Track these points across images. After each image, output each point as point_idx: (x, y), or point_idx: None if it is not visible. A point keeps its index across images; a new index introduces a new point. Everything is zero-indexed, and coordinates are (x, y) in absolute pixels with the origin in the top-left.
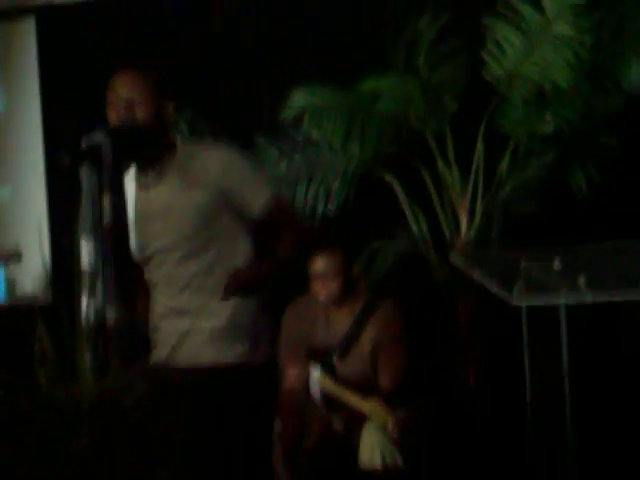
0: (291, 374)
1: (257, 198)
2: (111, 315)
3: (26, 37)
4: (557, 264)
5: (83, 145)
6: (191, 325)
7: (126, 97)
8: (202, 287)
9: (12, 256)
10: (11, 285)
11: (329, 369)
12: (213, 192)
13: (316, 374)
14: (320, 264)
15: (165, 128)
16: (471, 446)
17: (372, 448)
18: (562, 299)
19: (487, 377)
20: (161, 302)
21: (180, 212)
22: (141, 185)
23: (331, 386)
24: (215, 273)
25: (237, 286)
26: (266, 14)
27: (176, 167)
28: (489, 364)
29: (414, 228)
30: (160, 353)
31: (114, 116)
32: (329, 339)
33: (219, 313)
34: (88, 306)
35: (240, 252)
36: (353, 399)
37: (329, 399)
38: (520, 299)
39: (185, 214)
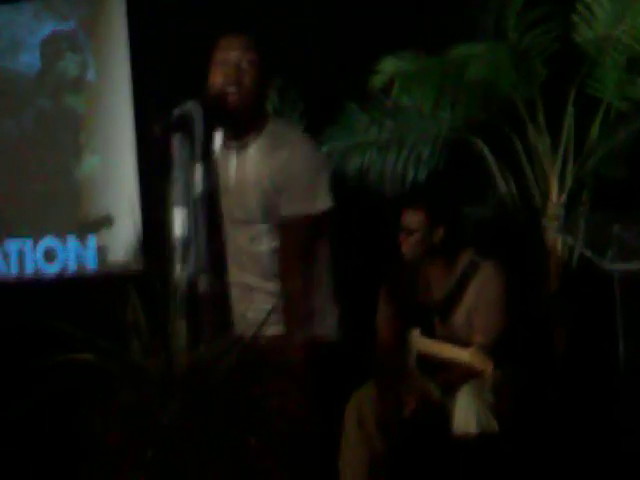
0: (389, 337)
1: (292, 205)
2: (203, 284)
3: (115, 6)
4: None
5: (174, 114)
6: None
7: (236, 60)
8: (264, 269)
9: (103, 224)
10: (103, 253)
11: (428, 330)
12: (275, 181)
13: (414, 336)
14: (405, 218)
15: (261, 101)
16: (561, 413)
17: (467, 412)
18: None
19: (578, 343)
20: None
21: (251, 191)
22: (224, 155)
23: (429, 344)
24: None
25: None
26: None
27: (259, 144)
28: (580, 330)
29: (505, 194)
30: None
31: (219, 76)
32: (429, 300)
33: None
34: (180, 275)
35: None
36: (452, 350)
37: (425, 363)
38: (613, 264)
39: (255, 194)
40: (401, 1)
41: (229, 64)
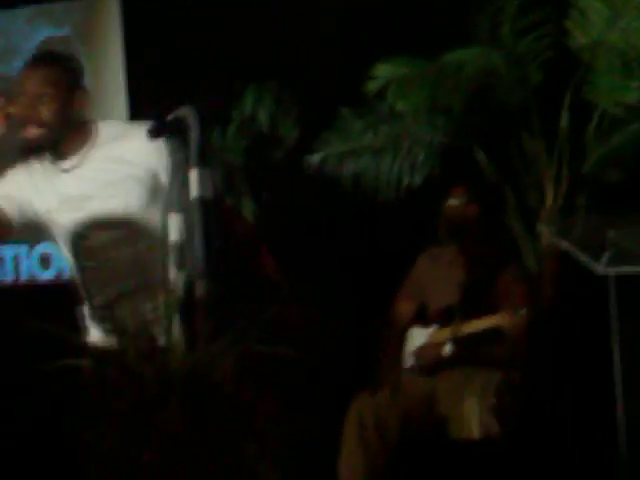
0: (405, 308)
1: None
2: (200, 288)
3: (110, 12)
4: None
5: (169, 119)
6: None
7: (33, 94)
8: None
9: None
10: None
11: (449, 320)
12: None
13: (432, 330)
14: (460, 195)
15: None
16: (561, 417)
17: (470, 415)
18: None
19: (572, 346)
20: None
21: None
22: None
23: (449, 331)
24: None
25: None
26: None
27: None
28: (574, 333)
29: (500, 198)
30: None
31: (17, 110)
32: (451, 296)
33: None
34: (177, 279)
35: None
36: (479, 323)
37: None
38: (608, 267)
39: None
40: (396, 6)
41: (26, 96)
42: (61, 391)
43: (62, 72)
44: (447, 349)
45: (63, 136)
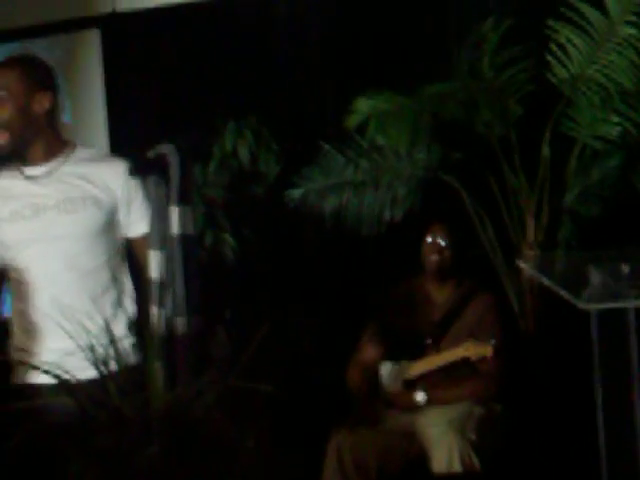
0: (371, 352)
1: (143, 222)
2: (180, 325)
3: (91, 49)
4: (625, 267)
5: (149, 157)
6: None
7: None
8: None
9: None
10: None
11: (418, 355)
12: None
13: (402, 365)
14: (439, 233)
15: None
16: (539, 449)
17: (450, 450)
18: (631, 302)
19: (554, 381)
20: None
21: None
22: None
23: (421, 364)
24: None
25: None
26: (330, 21)
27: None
28: (556, 368)
29: (480, 233)
30: None
31: None
32: (422, 326)
33: None
34: (157, 316)
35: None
36: (445, 355)
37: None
38: (589, 303)
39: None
40: (376, 40)
41: None
42: (42, 428)
43: (19, 74)
44: (419, 397)
45: (29, 142)
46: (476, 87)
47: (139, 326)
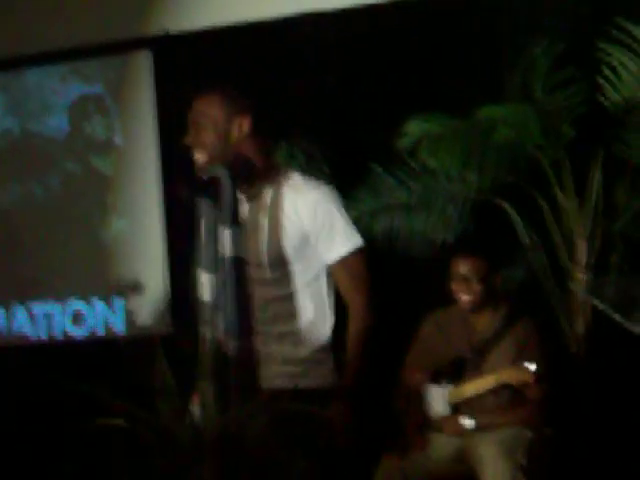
0: (415, 378)
1: (336, 247)
2: (232, 347)
3: (142, 70)
4: None
5: (202, 179)
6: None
7: (195, 120)
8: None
9: (132, 288)
10: (131, 317)
11: (458, 379)
12: (305, 227)
13: (446, 389)
14: (465, 267)
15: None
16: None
17: (500, 473)
18: None
19: (606, 405)
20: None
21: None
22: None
23: (464, 389)
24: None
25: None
26: (382, 42)
27: (274, 193)
28: (608, 392)
29: (531, 256)
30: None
31: (188, 139)
32: (463, 349)
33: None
34: (209, 337)
35: (319, 292)
36: (488, 379)
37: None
38: None
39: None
40: (428, 62)
41: (191, 125)
42: (95, 451)
43: (220, 100)
44: (467, 423)
45: (246, 168)
46: (528, 109)
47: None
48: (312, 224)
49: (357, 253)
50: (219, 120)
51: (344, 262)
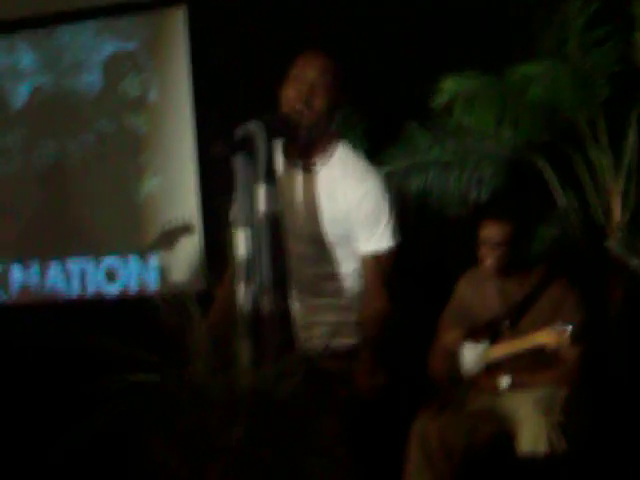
0: (451, 337)
1: (375, 241)
2: (267, 304)
3: (177, 26)
4: None
5: (237, 135)
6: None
7: (311, 80)
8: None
9: (167, 244)
10: (165, 273)
11: (495, 339)
12: (350, 213)
13: (481, 348)
14: (491, 231)
15: (329, 124)
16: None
17: (537, 431)
18: None
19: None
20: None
21: (319, 214)
22: (288, 172)
23: (501, 349)
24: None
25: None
26: (417, 1)
27: (330, 170)
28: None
29: (567, 213)
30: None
31: (292, 92)
32: (498, 309)
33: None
34: (244, 294)
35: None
36: (526, 340)
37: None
38: None
39: (323, 218)
40: (463, 20)
41: (303, 82)
42: (126, 408)
43: (335, 68)
44: (504, 382)
45: (319, 132)
46: (563, 68)
47: None
48: (357, 212)
49: (392, 252)
50: (332, 89)
51: (378, 257)
